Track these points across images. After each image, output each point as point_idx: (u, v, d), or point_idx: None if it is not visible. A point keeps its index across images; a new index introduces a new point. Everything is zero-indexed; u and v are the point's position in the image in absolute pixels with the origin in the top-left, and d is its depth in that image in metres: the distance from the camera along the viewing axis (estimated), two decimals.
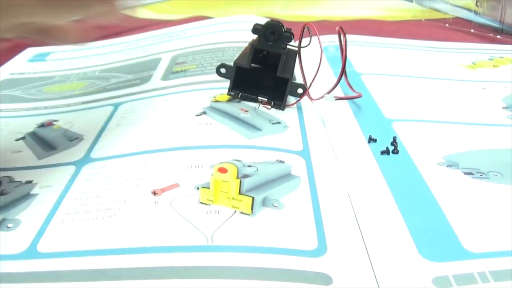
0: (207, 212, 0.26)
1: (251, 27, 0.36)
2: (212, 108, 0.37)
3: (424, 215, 0.26)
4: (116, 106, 0.40)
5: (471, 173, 0.29)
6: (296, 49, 0.38)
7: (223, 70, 0.37)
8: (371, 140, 0.33)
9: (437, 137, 0.33)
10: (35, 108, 0.42)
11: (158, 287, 0.21)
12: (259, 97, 0.37)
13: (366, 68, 0.46)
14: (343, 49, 0.36)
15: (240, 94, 0.37)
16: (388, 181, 0.29)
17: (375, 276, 0.22)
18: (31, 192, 0.29)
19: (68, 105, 0.42)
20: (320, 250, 0.23)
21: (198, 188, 0.27)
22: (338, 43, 0.39)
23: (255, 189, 0.27)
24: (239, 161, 0.30)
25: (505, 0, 0.57)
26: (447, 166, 0.30)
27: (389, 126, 0.35)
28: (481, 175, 0.28)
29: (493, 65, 0.47)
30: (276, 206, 0.26)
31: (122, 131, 0.35)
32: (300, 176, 0.29)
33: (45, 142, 0.35)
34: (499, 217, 0.25)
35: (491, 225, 0.25)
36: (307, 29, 0.36)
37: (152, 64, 0.49)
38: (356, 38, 0.55)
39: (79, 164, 0.31)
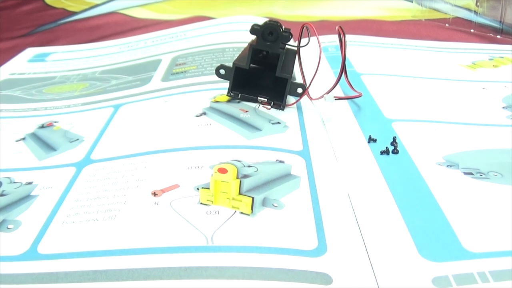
0: (207, 213, 0.26)
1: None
2: (212, 109, 0.37)
3: (424, 215, 0.26)
4: (116, 108, 0.40)
5: (471, 173, 0.29)
6: (295, 49, 0.38)
7: (222, 71, 0.37)
8: (371, 140, 0.33)
9: (437, 137, 0.33)
10: (35, 109, 0.42)
11: (158, 287, 0.21)
12: (258, 97, 0.37)
13: (366, 68, 0.46)
14: (342, 48, 0.36)
15: (239, 94, 0.37)
16: (388, 181, 0.29)
17: (375, 276, 0.22)
18: (32, 193, 0.29)
19: (69, 106, 0.42)
20: (320, 250, 0.23)
21: (198, 189, 0.27)
22: (338, 43, 0.39)
23: (255, 189, 0.27)
24: (239, 161, 0.30)
25: (505, 0, 0.57)
26: (447, 166, 0.30)
27: (389, 126, 0.35)
28: (481, 175, 0.28)
29: (493, 65, 0.47)
30: (276, 206, 0.26)
31: (122, 133, 0.35)
32: (300, 176, 0.29)
33: (45, 143, 0.35)
34: (499, 217, 0.25)
35: (491, 225, 0.25)
36: (306, 28, 0.36)
37: (152, 65, 0.49)
38: (356, 38, 0.55)
39: (79, 165, 0.31)
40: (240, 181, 0.28)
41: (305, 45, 0.36)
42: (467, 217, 0.25)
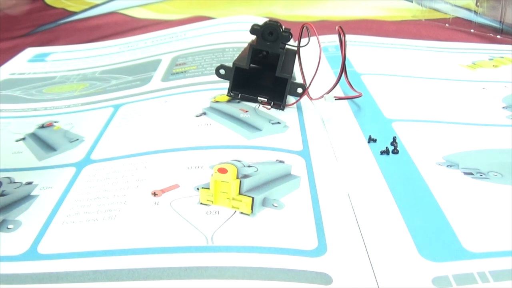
0: (207, 213, 0.26)
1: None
2: (212, 109, 0.37)
3: (423, 215, 0.26)
4: (116, 108, 0.40)
5: (471, 173, 0.29)
6: (295, 48, 0.37)
7: (222, 71, 0.37)
8: (371, 140, 0.33)
9: (437, 137, 0.33)
10: (35, 109, 0.42)
11: (158, 287, 0.21)
12: (258, 98, 0.37)
13: (366, 68, 0.46)
14: (342, 48, 0.36)
15: (239, 94, 0.37)
16: (387, 181, 0.29)
17: (375, 276, 0.22)
18: (32, 193, 0.29)
19: (69, 106, 0.42)
20: (320, 250, 0.23)
21: (198, 189, 0.27)
22: (338, 43, 0.39)
23: (255, 189, 0.27)
24: (239, 161, 0.30)
25: (505, 0, 0.57)
26: (447, 166, 0.30)
27: (389, 126, 0.35)
28: (481, 175, 0.28)
29: (493, 65, 0.47)
30: (276, 206, 0.26)
31: (122, 133, 0.35)
32: (300, 176, 0.29)
33: (45, 143, 0.35)
34: (499, 217, 0.25)
35: (491, 225, 0.25)
36: (306, 28, 0.36)
37: (152, 65, 0.49)
38: (356, 38, 0.55)
39: (79, 165, 0.31)
40: (240, 181, 0.28)
41: (305, 45, 0.36)
42: (467, 217, 0.25)
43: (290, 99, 0.37)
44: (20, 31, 0.69)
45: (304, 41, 0.36)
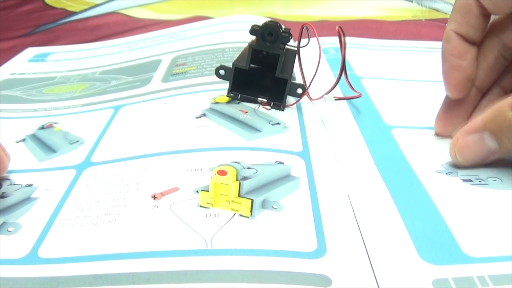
0: (206, 216, 0.26)
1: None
2: (212, 110, 0.37)
3: (423, 218, 0.26)
4: (116, 109, 0.40)
5: (470, 180, 0.29)
6: (295, 49, 0.37)
7: (222, 72, 0.37)
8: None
9: (436, 144, 0.33)
10: (35, 110, 0.42)
11: None
12: (258, 98, 0.37)
13: (366, 72, 0.45)
14: (342, 48, 0.36)
15: (239, 95, 0.37)
16: (387, 183, 0.29)
17: (375, 277, 0.22)
18: (32, 196, 0.29)
19: (69, 107, 0.42)
20: (320, 251, 0.23)
21: (197, 192, 0.27)
22: (338, 45, 0.38)
23: (255, 191, 0.27)
24: (238, 163, 0.30)
25: None
26: (446, 173, 0.29)
27: (389, 133, 0.34)
28: (480, 182, 0.28)
29: None
30: (276, 208, 0.26)
31: (122, 135, 0.35)
32: (299, 177, 0.29)
33: (46, 144, 0.35)
34: (498, 222, 0.25)
35: (490, 230, 0.25)
36: (306, 29, 0.36)
37: (152, 66, 0.49)
38: (356, 41, 0.54)
39: (79, 167, 0.31)
40: (240, 183, 0.28)
41: (305, 46, 0.36)
42: (466, 222, 0.25)
43: (290, 99, 0.37)
44: (20, 31, 0.69)
45: (304, 41, 0.36)
